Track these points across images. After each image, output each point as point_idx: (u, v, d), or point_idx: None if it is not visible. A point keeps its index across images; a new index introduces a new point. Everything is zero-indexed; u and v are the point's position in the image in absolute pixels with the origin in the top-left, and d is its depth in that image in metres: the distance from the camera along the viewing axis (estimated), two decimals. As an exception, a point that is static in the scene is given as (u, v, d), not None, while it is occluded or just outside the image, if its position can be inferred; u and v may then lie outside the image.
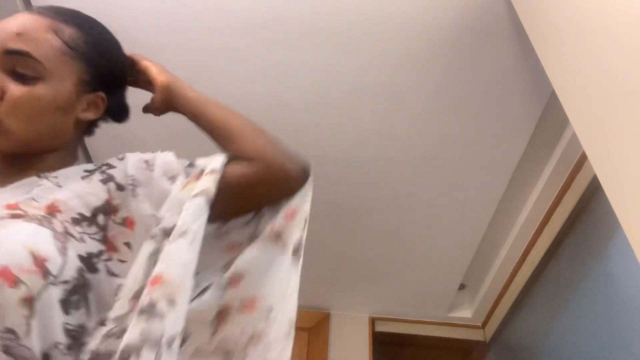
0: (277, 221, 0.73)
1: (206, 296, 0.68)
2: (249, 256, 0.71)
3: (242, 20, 1.29)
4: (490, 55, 1.30)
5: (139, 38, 1.33)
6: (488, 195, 1.66)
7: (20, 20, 0.65)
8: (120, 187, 0.66)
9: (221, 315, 0.68)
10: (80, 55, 0.68)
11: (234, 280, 0.69)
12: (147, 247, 0.61)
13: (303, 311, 2.21)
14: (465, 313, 2.29)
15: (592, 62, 0.74)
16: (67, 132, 0.69)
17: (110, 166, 0.69)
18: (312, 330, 2.17)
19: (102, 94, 0.71)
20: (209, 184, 0.66)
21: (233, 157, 0.72)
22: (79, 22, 0.70)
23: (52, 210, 0.60)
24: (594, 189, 1.50)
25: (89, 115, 0.71)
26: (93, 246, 0.60)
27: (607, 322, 1.44)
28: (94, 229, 0.62)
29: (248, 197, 0.73)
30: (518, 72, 1.32)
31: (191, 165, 0.72)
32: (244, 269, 0.70)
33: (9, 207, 0.58)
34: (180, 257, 0.60)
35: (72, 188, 0.64)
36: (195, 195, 0.64)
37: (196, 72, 1.40)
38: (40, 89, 0.63)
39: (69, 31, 0.67)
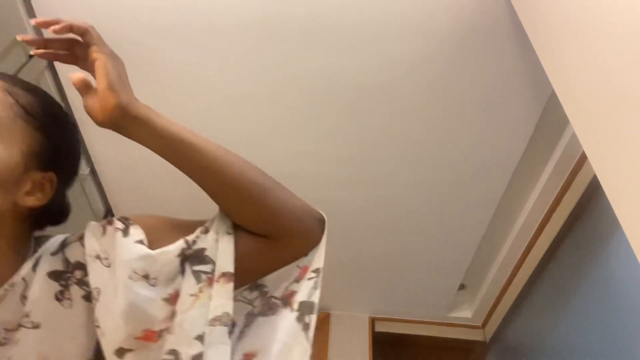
0: (290, 280, 0.67)
1: None
2: (262, 328, 0.64)
3: (242, 20, 1.29)
4: (490, 55, 1.30)
5: (139, 39, 1.33)
6: (488, 195, 1.66)
7: None
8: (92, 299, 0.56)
9: None
10: (36, 123, 0.55)
11: (247, 358, 0.63)
12: None
13: (303, 311, 2.21)
14: (465, 313, 2.29)
15: (592, 62, 0.74)
16: (3, 222, 0.54)
17: (81, 266, 0.57)
18: (312, 330, 2.17)
19: (53, 175, 0.57)
20: (225, 301, 0.57)
21: (241, 227, 0.62)
22: (38, 92, 0.58)
23: None
24: (594, 189, 1.50)
25: (31, 201, 0.55)
26: None
27: (607, 322, 1.44)
28: None
29: (259, 270, 0.65)
30: (518, 72, 1.32)
31: (197, 257, 0.59)
32: (255, 346, 0.63)
33: None
34: None
35: (56, 326, 0.54)
36: (214, 321, 0.56)
37: (196, 72, 1.40)
38: None
39: (26, 96, 0.55)
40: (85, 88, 0.57)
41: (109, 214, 1.82)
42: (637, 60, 0.63)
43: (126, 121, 0.55)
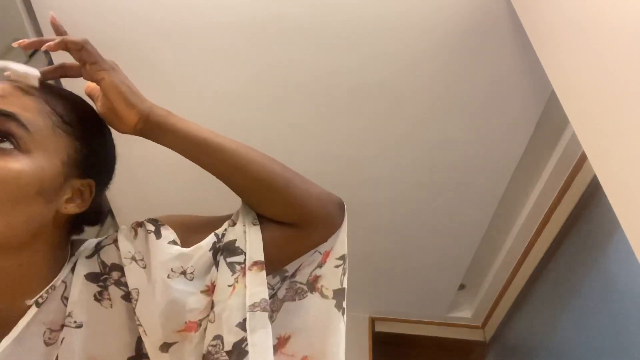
0: (313, 266, 0.69)
1: None
2: (293, 312, 0.67)
3: (242, 20, 1.29)
4: (490, 55, 1.30)
5: (138, 39, 1.33)
6: (488, 195, 1.66)
7: (2, 86, 0.52)
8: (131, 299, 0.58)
9: None
10: (73, 131, 0.55)
11: (281, 342, 0.66)
12: None
13: (303, 311, 2.21)
14: (465, 313, 2.29)
15: (592, 62, 0.74)
16: (45, 229, 0.54)
17: (117, 267, 0.58)
18: (312, 330, 2.17)
19: (92, 181, 0.58)
20: (261, 288, 0.59)
21: (267, 218, 0.64)
22: (73, 99, 0.59)
23: None
24: (594, 189, 1.50)
25: (72, 208, 0.56)
26: None
27: (607, 322, 1.44)
28: None
29: (282, 257, 0.66)
30: (518, 72, 1.32)
31: (229, 249, 0.61)
32: (288, 329, 0.66)
33: None
34: None
35: (99, 326, 0.56)
36: (254, 307, 0.57)
37: (195, 73, 1.40)
38: (21, 163, 0.49)
39: (63, 105, 0.56)
40: (95, 95, 0.59)
41: (109, 214, 1.82)
42: (637, 60, 0.63)
43: (150, 130, 0.58)
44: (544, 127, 1.47)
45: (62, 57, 0.65)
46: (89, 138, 0.57)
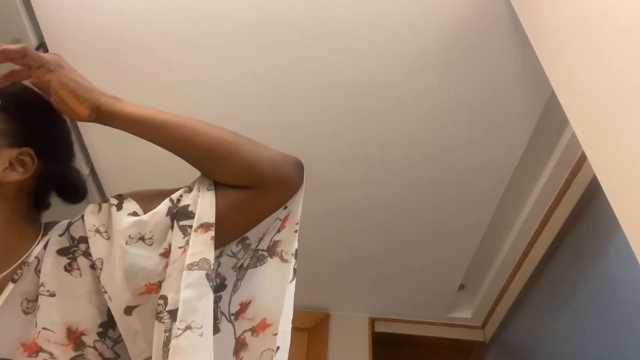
0: (273, 232, 0.71)
1: (220, 335, 0.66)
2: (254, 278, 0.70)
3: (242, 20, 1.29)
4: (490, 55, 1.30)
5: (139, 39, 1.33)
6: (488, 195, 1.66)
7: None
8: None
9: (238, 348, 0.67)
10: None
11: (242, 308, 0.69)
12: (158, 334, 0.58)
13: (303, 311, 2.22)
14: (465, 313, 2.28)
15: (592, 62, 0.74)
16: None
17: (84, 239, 0.62)
18: (312, 330, 2.17)
19: (29, 149, 0.60)
20: (202, 248, 0.60)
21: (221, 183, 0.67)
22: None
23: (77, 339, 0.58)
24: (594, 189, 1.50)
25: (14, 176, 0.59)
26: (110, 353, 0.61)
27: (607, 322, 1.44)
28: (109, 342, 0.61)
29: (243, 222, 0.68)
30: (518, 72, 1.32)
31: (183, 213, 0.63)
32: (249, 294, 0.69)
33: (28, 348, 0.56)
34: (191, 358, 0.56)
35: (70, 294, 0.60)
36: (192, 266, 0.59)
37: (196, 73, 1.40)
38: None
39: None
40: (46, 91, 0.61)
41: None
42: (637, 60, 0.63)
43: (102, 118, 0.62)
44: (544, 127, 1.47)
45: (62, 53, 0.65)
46: (17, 109, 0.60)
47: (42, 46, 1.34)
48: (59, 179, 0.69)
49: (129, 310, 0.59)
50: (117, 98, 0.64)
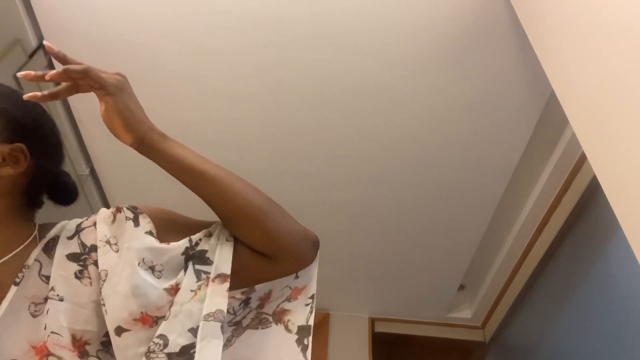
0: (281, 299, 0.71)
1: None
2: (252, 340, 0.69)
3: (241, 20, 1.29)
4: (490, 55, 1.30)
5: (139, 39, 1.33)
6: (488, 195, 1.66)
7: None
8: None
9: None
10: None
11: None
12: None
13: (303, 311, 2.22)
14: (464, 313, 2.29)
15: (592, 62, 0.74)
16: None
17: (95, 249, 0.62)
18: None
19: (21, 145, 0.61)
20: (220, 300, 0.61)
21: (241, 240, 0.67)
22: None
23: (81, 347, 0.59)
24: (594, 189, 1.50)
25: (6, 171, 0.60)
26: None
27: (607, 322, 1.44)
28: (112, 352, 0.60)
29: (248, 281, 0.68)
30: (518, 72, 1.32)
31: (200, 257, 0.64)
32: (247, 355, 0.69)
33: (39, 351, 0.56)
34: None
35: (78, 301, 0.60)
36: (209, 317, 0.59)
37: (196, 72, 1.40)
38: None
39: None
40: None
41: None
42: (637, 61, 0.63)
43: (143, 150, 0.63)
44: (544, 127, 1.47)
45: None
46: (8, 106, 0.61)
47: (42, 46, 1.34)
48: (51, 177, 0.69)
49: (119, 331, 0.59)
50: (164, 136, 0.65)
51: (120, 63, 1.39)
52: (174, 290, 0.61)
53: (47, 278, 0.60)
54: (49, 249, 0.63)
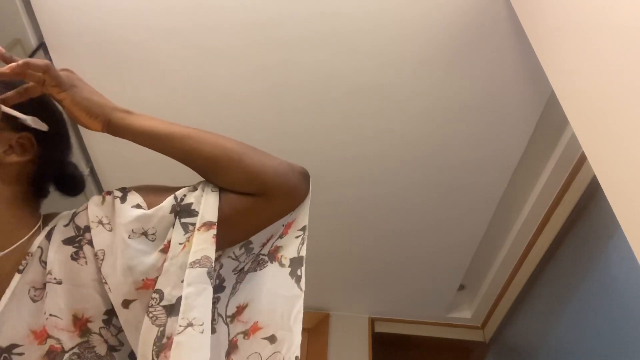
0: (276, 237, 0.72)
1: (216, 336, 0.66)
2: (252, 282, 0.70)
3: (242, 20, 1.29)
4: (489, 55, 1.30)
5: (138, 39, 1.33)
6: (488, 195, 1.66)
7: None
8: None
9: (230, 350, 0.68)
10: None
11: (239, 311, 0.69)
12: (147, 328, 0.58)
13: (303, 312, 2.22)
14: (464, 313, 2.29)
15: (592, 62, 0.74)
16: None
17: (89, 229, 0.63)
18: (312, 330, 2.17)
19: (28, 133, 0.63)
20: (205, 246, 0.62)
21: (226, 189, 0.68)
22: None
23: (82, 326, 0.59)
24: (594, 189, 1.50)
25: (14, 157, 0.61)
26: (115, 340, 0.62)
27: (607, 322, 1.44)
28: (113, 329, 0.62)
29: (246, 227, 0.69)
30: (518, 72, 1.32)
31: (185, 211, 0.65)
32: (246, 298, 0.70)
33: (39, 335, 0.57)
34: (192, 355, 0.56)
35: (77, 282, 0.61)
36: (194, 264, 0.60)
37: (196, 72, 1.40)
38: None
39: None
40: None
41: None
42: (637, 61, 0.63)
43: (113, 131, 0.66)
44: (544, 127, 1.47)
45: (64, 59, 0.65)
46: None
47: (42, 46, 1.34)
48: (57, 167, 0.70)
49: (126, 304, 0.60)
50: (128, 112, 0.67)
51: (121, 63, 1.39)
52: (167, 248, 0.63)
53: (46, 263, 0.62)
54: (50, 236, 0.64)
